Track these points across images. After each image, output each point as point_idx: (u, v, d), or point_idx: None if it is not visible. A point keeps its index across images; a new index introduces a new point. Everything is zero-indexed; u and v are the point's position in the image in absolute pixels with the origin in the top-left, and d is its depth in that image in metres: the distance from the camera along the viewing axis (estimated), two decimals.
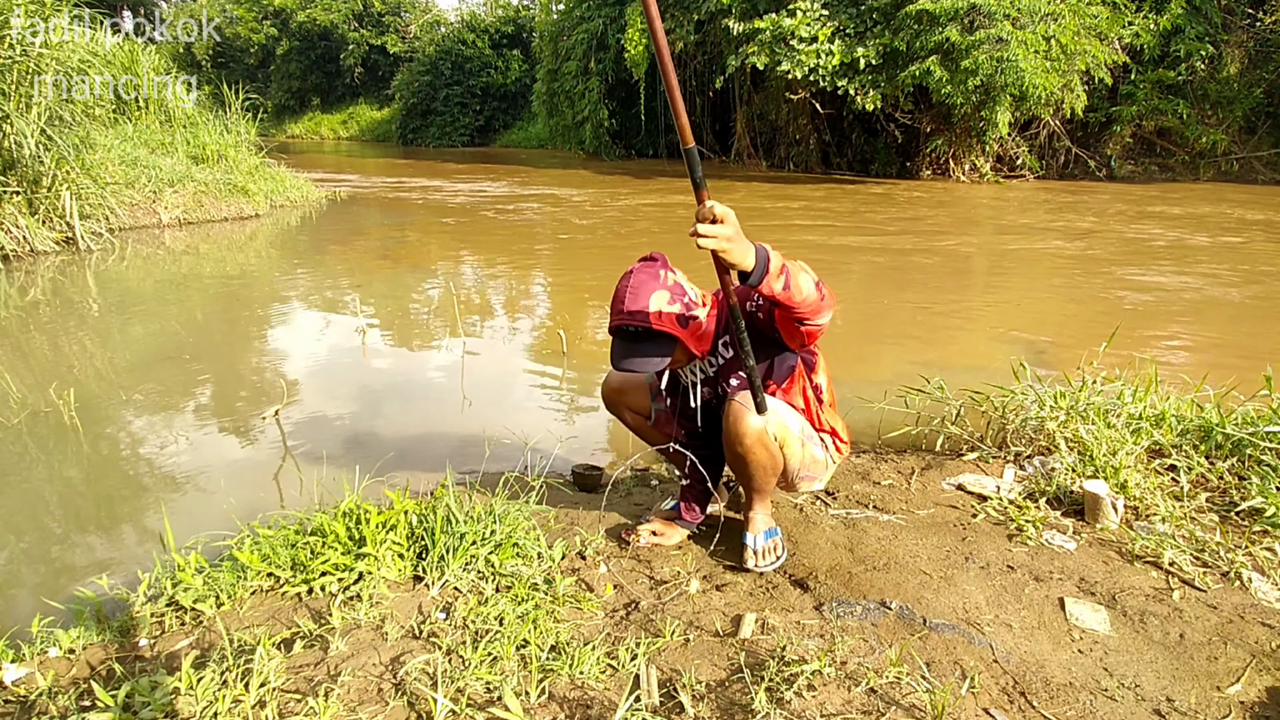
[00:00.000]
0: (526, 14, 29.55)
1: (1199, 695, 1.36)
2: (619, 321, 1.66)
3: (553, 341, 4.13)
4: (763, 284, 1.41)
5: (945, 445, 2.54)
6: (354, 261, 6.60)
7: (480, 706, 1.30)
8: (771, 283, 1.42)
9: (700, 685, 1.36)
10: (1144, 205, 9.90)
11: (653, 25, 1.23)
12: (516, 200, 11.11)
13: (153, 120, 9.56)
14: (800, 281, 1.46)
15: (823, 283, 1.53)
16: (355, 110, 33.88)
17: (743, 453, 1.72)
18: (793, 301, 1.47)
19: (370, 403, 3.34)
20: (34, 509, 2.39)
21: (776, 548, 1.87)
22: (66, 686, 1.43)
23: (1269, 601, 1.63)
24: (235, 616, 1.60)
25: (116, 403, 3.29)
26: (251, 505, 2.29)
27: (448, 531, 1.74)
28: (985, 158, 13.27)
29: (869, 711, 1.28)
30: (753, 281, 1.40)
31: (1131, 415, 2.36)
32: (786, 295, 1.46)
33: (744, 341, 1.60)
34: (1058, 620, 1.57)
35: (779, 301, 1.47)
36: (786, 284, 1.44)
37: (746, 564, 1.81)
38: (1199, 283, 5.54)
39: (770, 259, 1.40)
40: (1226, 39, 12.65)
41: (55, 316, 4.60)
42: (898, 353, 3.98)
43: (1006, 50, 10.77)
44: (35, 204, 6.42)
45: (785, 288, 1.44)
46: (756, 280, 1.40)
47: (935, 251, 6.84)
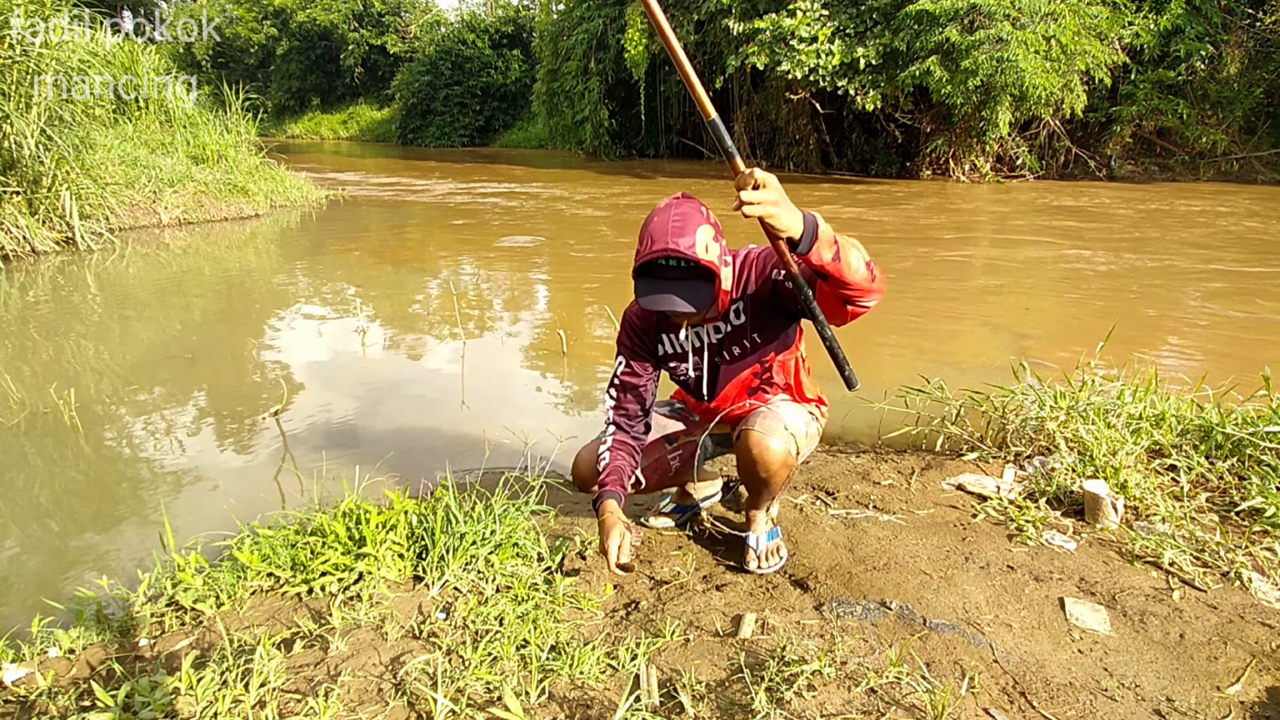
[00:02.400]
0: (526, 14, 29.55)
1: (1199, 695, 1.36)
2: (658, 252, 1.50)
3: (553, 341, 4.13)
4: (811, 252, 1.34)
5: (945, 445, 2.54)
6: (354, 261, 6.60)
7: (480, 706, 1.30)
8: (821, 251, 1.35)
9: (700, 685, 1.36)
10: (1144, 205, 9.90)
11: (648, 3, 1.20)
12: (516, 200, 11.11)
13: (153, 120, 9.56)
14: (850, 257, 1.39)
15: (875, 264, 1.46)
16: (355, 110, 33.87)
17: (768, 477, 1.68)
18: (843, 275, 1.40)
19: (370, 403, 3.34)
20: (34, 509, 2.39)
21: (779, 549, 1.86)
22: (66, 686, 1.43)
23: (1269, 601, 1.63)
24: (235, 616, 1.60)
25: (116, 403, 3.29)
26: (251, 505, 2.29)
27: (448, 531, 1.74)
28: (985, 158, 13.26)
29: (869, 711, 1.28)
30: (801, 249, 1.34)
31: (1131, 415, 2.36)
32: (836, 267, 1.38)
33: (816, 312, 1.50)
34: (1058, 620, 1.57)
35: (827, 273, 1.39)
36: (836, 255, 1.37)
37: (749, 565, 1.80)
38: (1199, 283, 5.54)
39: (819, 226, 1.34)
40: (1226, 39, 12.64)
41: (55, 316, 4.60)
42: (897, 352, 3.98)
43: (1006, 50, 10.77)
44: (35, 204, 6.41)
45: (835, 259, 1.37)
46: (805, 248, 1.34)
47: (935, 251, 6.84)
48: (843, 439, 2.86)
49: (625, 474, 1.71)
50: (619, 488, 1.69)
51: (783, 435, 1.65)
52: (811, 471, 2.43)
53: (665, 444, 1.95)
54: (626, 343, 1.82)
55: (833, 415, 3.03)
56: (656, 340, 1.81)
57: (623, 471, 1.71)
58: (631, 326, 1.81)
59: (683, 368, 1.81)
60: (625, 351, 1.81)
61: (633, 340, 1.81)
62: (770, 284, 1.65)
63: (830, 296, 1.51)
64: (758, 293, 1.68)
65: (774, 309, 1.66)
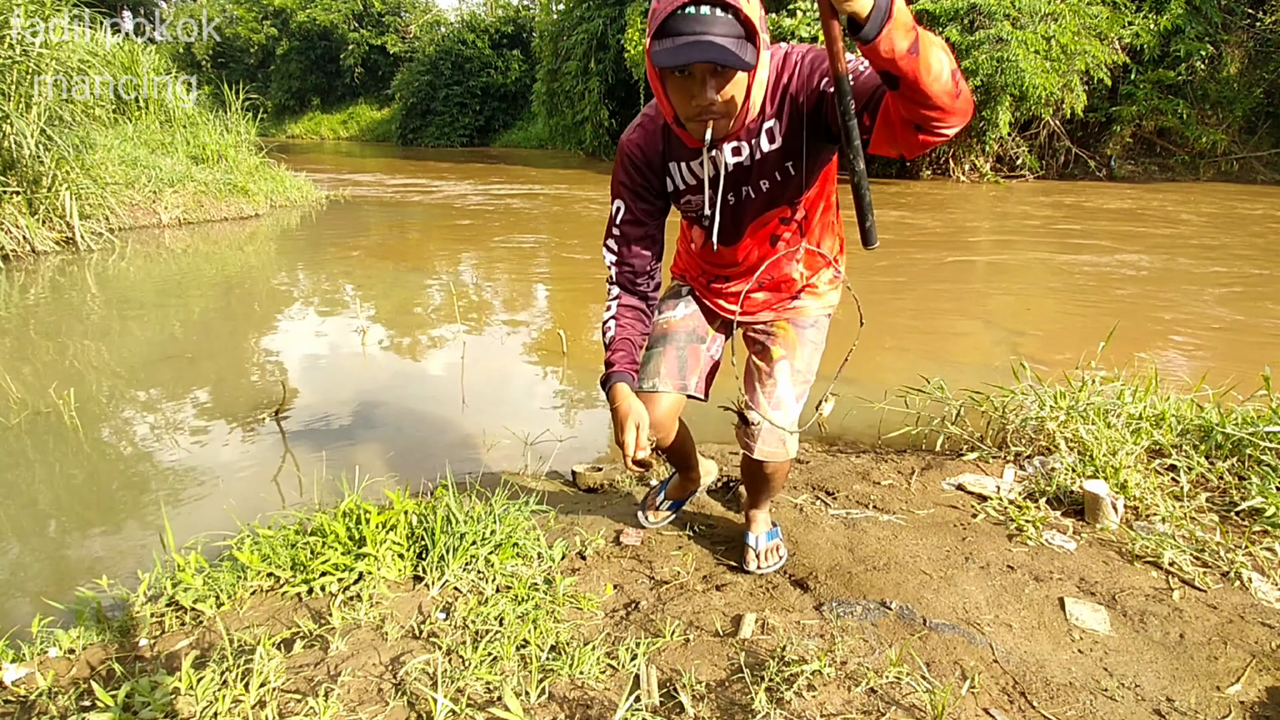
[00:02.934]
0: (526, 14, 29.58)
1: (1199, 695, 1.36)
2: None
3: (553, 341, 4.13)
4: (880, 36, 0.95)
5: (945, 445, 2.54)
6: (354, 261, 6.60)
7: (480, 706, 1.30)
8: (894, 38, 0.96)
9: (700, 685, 1.36)
10: (1144, 204, 9.90)
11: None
12: (516, 200, 11.11)
13: (153, 120, 9.56)
14: (931, 55, 1.00)
15: (960, 74, 1.06)
16: (355, 110, 33.89)
17: (768, 477, 1.69)
18: (919, 79, 1.00)
19: (370, 402, 3.34)
20: (34, 509, 2.39)
21: (779, 549, 1.84)
22: (66, 686, 1.43)
23: (1269, 601, 1.63)
24: (235, 616, 1.60)
25: (116, 402, 3.29)
26: (251, 505, 2.29)
27: (448, 531, 1.74)
28: (985, 158, 13.27)
29: (869, 711, 1.28)
30: (867, 33, 0.95)
31: (1131, 415, 2.36)
32: (912, 64, 0.99)
33: (853, 133, 1.08)
34: (1058, 620, 1.57)
35: (900, 72, 1.00)
36: (914, 45, 0.98)
37: (748, 565, 1.78)
38: (1199, 281, 5.54)
39: (895, 3, 0.95)
40: (1226, 39, 12.64)
41: (55, 316, 4.60)
42: (897, 353, 3.98)
43: (1006, 50, 10.79)
44: (35, 204, 6.41)
45: (912, 50, 0.98)
46: (874, 30, 0.95)
47: (935, 251, 6.84)
48: (843, 439, 2.86)
49: (636, 346, 1.49)
50: (629, 365, 1.46)
51: (783, 449, 1.61)
52: (811, 471, 2.43)
53: (701, 346, 1.66)
54: (625, 180, 1.47)
55: (833, 415, 3.04)
56: (664, 172, 1.45)
57: (632, 343, 1.48)
58: (630, 160, 1.46)
59: (697, 200, 1.45)
60: (624, 192, 1.48)
61: (632, 177, 1.46)
62: (817, 96, 1.26)
63: (897, 114, 1.10)
64: (798, 108, 1.30)
65: (816, 130, 1.30)
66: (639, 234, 1.49)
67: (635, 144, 1.45)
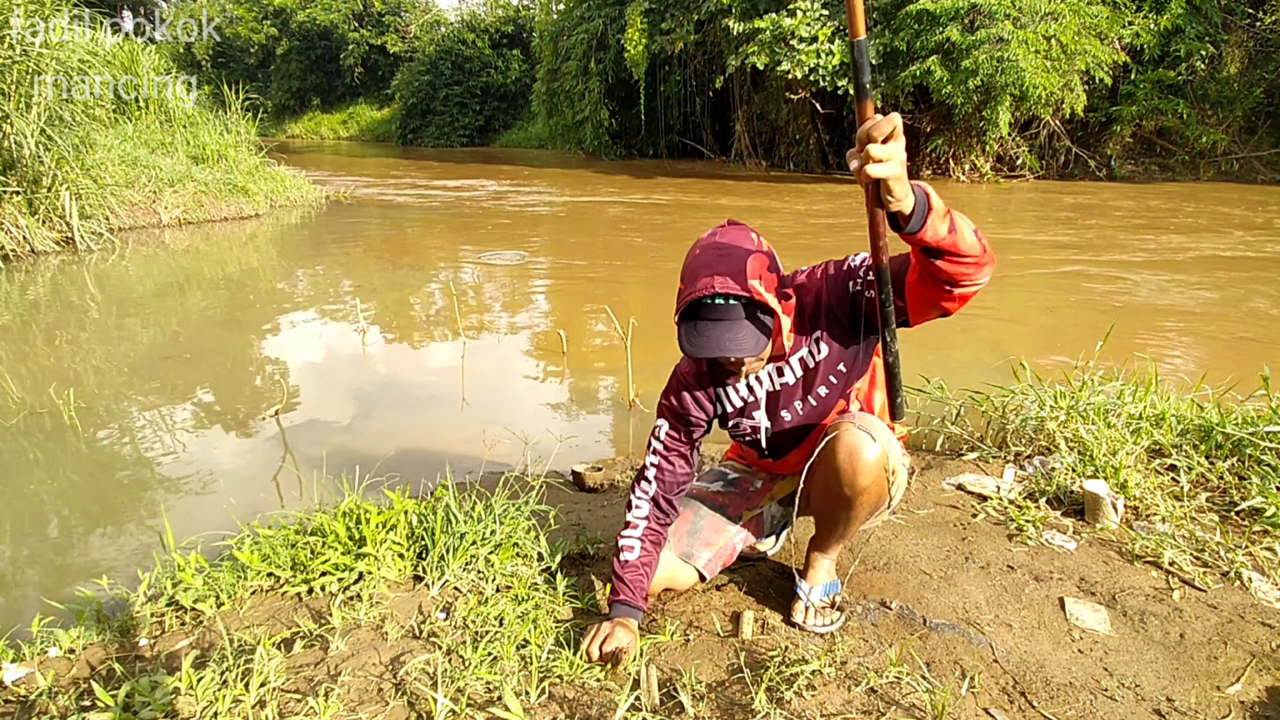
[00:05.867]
0: (526, 14, 29.56)
1: (1199, 695, 1.36)
2: (704, 290, 1.25)
3: (552, 341, 4.13)
4: (924, 229, 1.06)
5: (945, 445, 2.54)
6: (354, 261, 6.60)
7: (480, 706, 1.30)
8: (936, 226, 1.06)
9: (700, 685, 1.36)
10: (1144, 204, 9.90)
11: None
12: (516, 200, 11.11)
13: (153, 120, 9.56)
14: (963, 226, 1.11)
15: (980, 232, 1.17)
16: (355, 110, 33.89)
17: (854, 494, 1.40)
18: (959, 249, 1.10)
19: (370, 402, 3.34)
20: (34, 509, 2.39)
21: (836, 606, 1.57)
22: (66, 686, 1.43)
23: (1269, 601, 1.63)
24: (235, 616, 1.60)
25: (116, 403, 3.29)
26: (251, 505, 2.29)
27: (448, 531, 1.74)
28: (985, 157, 13.26)
29: (869, 711, 1.28)
30: (912, 227, 1.05)
31: (1131, 415, 2.36)
32: (952, 241, 1.09)
33: (891, 319, 1.18)
34: (1058, 620, 1.57)
35: (942, 250, 1.10)
36: (952, 227, 1.09)
37: (794, 616, 1.54)
38: (1199, 281, 5.54)
39: (930, 195, 1.07)
40: (1226, 39, 12.64)
41: (55, 316, 4.60)
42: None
43: (1007, 50, 10.78)
44: (35, 204, 6.42)
45: (951, 231, 1.08)
46: (918, 224, 1.05)
47: None
48: None
49: (648, 577, 1.51)
50: (641, 599, 1.48)
51: (880, 438, 1.38)
52: None
53: (728, 525, 1.66)
54: (674, 406, 1.55)
55: None
56: (714, 399, 1.54)
57: (647, 570, 1.51)
58: (684, 385, 1.53)
59: (746, 425, 1.54)
60: (668, 415, 1.57)
61: (683, 402, 1.54)
62: (848, 299, 1.37)
63: (934, 283, 1.19)
64: (836, 317, 1.40)
65: (854, 328, 1.39)
66: (680, 451, 1.57)
67: (689, 373, 1.55)
